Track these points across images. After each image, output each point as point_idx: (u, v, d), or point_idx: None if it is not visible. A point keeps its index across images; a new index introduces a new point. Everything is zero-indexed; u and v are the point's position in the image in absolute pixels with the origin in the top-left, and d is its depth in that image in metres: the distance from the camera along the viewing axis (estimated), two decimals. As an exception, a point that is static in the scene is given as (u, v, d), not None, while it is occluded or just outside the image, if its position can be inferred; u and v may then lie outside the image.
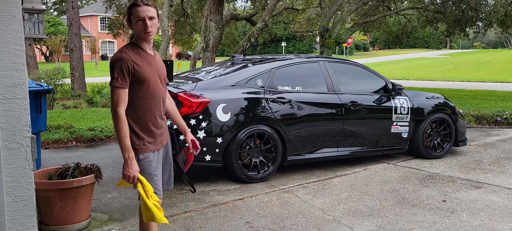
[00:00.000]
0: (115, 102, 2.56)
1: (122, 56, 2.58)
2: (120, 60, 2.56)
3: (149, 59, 2.69)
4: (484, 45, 77.86)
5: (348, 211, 4.23)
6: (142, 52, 2.67)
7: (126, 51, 2.61)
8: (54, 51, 37.96)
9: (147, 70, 2.65)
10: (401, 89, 6.07)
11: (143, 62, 2.64)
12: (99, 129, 7.73)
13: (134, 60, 2.60)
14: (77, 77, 16.17)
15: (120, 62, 2.56)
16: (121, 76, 2.55)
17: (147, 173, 2.71)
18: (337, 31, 13.50)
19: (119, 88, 2.56)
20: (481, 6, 14.26)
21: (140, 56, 2.64)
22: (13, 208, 2.31)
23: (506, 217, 4.04)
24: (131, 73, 2.58)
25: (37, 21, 8.50)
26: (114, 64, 2.57)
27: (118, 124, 2.56)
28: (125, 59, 2.57)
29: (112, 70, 2.59)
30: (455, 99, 13.30)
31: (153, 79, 2.69)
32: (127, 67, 2.56)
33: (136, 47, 2.67)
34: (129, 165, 2.55)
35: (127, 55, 2.59)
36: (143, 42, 2.68)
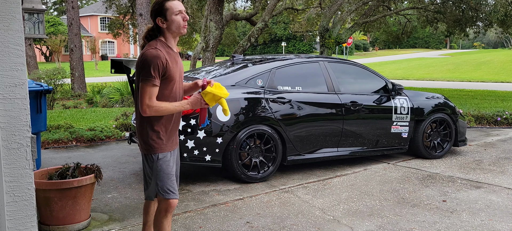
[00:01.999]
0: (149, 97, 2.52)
1: (158, 54, 2.53)
2: (157, 58, 2.52)
3: (175, 58, 2.67)
4: (484, 45, 77.86)
5: (348, 211, 4.23)
6: (170, 51, 2.64)
7: (160, 48, 2.57)
8: (54, 51, 37.96)
9: (174, 69, 2.63)
10: (401, 89, 6.07)
11: (172, 60, 2.62)
12: (99, 129, 7.73)
13: (166, 58, 2.57)
14: (77, 77, 16.18)
15: (156, 60, 2.52)
16: (155, 74, 2.52)
17: (166, 172, 2.68)
18: (337, 31, 13.50)
19: (152, 86, 2.53)
20: (481, 6, 14.27)
21: (169, 55, 2.61)
22: (13, 208, 2.31)
23: (506, 217, 4.04)
24: (162, 71, 2.55)
25: (37, 21, 8.50)
26: (151, 61, 2.52)
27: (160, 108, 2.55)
28: (161, 57, 2.53)
29: (148, 67, 2.52)
30: (455, 99, 13.30)
31: (177, 78, 2.67)
32: (161, 65, 2.53)
33: (165, 45, 2.62)
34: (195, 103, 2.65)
35: (162, 53, 2.55)
36: (172, 40, 2.65)
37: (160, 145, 2.65)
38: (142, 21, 13.76)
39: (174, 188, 2.73)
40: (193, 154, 4.81)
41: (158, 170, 2.66)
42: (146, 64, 2.53)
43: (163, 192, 2.72)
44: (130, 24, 22.77)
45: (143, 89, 2.54)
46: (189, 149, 4.78)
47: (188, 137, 4.76)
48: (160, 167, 2.66)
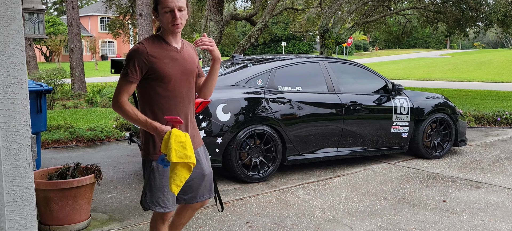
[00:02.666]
0: (118, 92, 2.39)
1: (137, 48, 2.40)
2: (134, 52, 2.39)
3: (172, 54, 2.46)
4: (484, 45, 77.87)
5: (348, 211, 4.23)
6: (165, 46, 2.46)
7: (144, 43, 2.42)
8: (54, 51, 37.96)
9: (168, 65, 2.43)
10: (401, 89, 6.07)
11: (164, 56, 2.43)
12: (99, 129, 7.73)
13: (152, 53, 2.39)
14: (77, 77, 16.18)
15: (134, 55, 2.38)
16: (132, 69, 2.37)
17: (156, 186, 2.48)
18: (337, 31, 13.51)
19: (125, 81, 2.38)
20: (481, 6, 14.27)
21: (162, 49, 2.44)
22: (13, 208, 2.31)
23: (506, 217, 4.04)
24: (145, 68, 2.39)
25: (37, 21, 8.50)
26: (129, 56, 2.40)
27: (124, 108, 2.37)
28: (140, 51, 2.38)
29: (126, 61, 2.41)
30: (455, 99, 13.30)
31: (176, 76, 2.46)
32: (140, 61, 2.37)
33: (158, 40, 2.47)
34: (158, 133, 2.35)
35: (144, 48, 2.39)
36: (169, 35, 2.48)
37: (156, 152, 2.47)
38: (142, 21, 13.76)
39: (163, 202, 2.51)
40: (193, 154, 4.80)
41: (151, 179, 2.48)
42: (126, 58, 2.42)
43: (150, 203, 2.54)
44: (130, 24, 22.79)
45: (118, 83, 2.42)
46: (189, 149, 4.78)
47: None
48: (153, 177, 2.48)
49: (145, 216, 4.07)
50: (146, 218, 4.02)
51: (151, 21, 14.04)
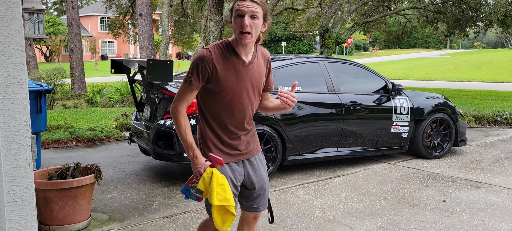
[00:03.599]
0: (178, 99, 2.31)
1: (204, 55, 2.26)
2: (201, 59, 2.26)
3: (237, 67, 2.31)
4: (484, 45, 77.87)
5: (348, 211, 4.23)
6: (232, 57, 2.30)
7: (212, 50, 2.28)
8: (54, 51, 37.96)
9: (230, 79, 2.30)
10: (401, 89, 6.07)
11: (228, 68, 2.29)
12: (99, 129, 7.73)
13: (217, 63, 2.26)
14: (77, 77, 16.19)
15: (198, 61, 2.26)
16: (195, 76, 2.26)
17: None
18: (337, 31, 13.51)
19: (188, 87, 2.29)
20: (481, 6, 14.27)
21: (226, 59, 2.29)
22: (13, 208, 2.31)
23: (506, 217, 4.04)
24: (207, 76, 2.27)
25: (37, 21, 8.51)
26: (194, 61, 2.28)
27: (178, 119, 2.30)
28: (205, 59, 2.25)
29: (191, 65, 2.30)
30: (455, 99, 13.30)
31: (236, 91, 2.33)
32: (204, 69, 2.25)
33: (227, 48, 2.31)
34: (195, 163, 2.29)
35: (210, 55, 2.26)
36: (239, 45, 2.30)
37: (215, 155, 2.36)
38: (142, 21, 13.76)
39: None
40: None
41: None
42: (192, 63, 2.31)
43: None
44: (130, 24, 22.80)
45: (180, 88, 2.33)
46: (189, 149, 4.78)
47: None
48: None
49: (145, 216, 4.07)
50: (146, 218, 4.02)
51: (151, 21, 14.05)
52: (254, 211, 2.60)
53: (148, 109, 5.39)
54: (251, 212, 2.61)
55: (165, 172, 5.59)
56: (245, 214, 2.65)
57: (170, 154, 4.85)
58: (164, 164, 5.95)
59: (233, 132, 2.43)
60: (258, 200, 2.57)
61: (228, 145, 2.42)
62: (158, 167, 5.82)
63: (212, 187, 2.25)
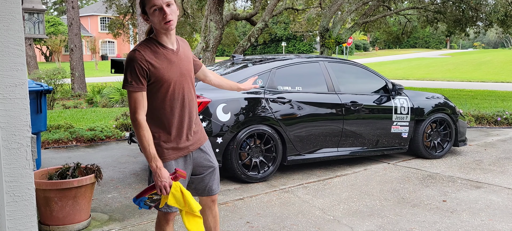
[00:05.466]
0: (133, 108, 2.31)
1: (134, 56, 2.29)
2: (132, 61, 2.29)
3: (169, 56, 2.38)
4: (484, 45, 77.87)
5: (348, 211, 4.23)
6: (160, 49, 2.37)
7: (140, 49, 2.32)
8: (54, 51, 37.98)
9: (166, 70, 2.36)
10: (401, 89, 6.07)
11: (161, 60, 2.35)
12: (99, 129, 7.73)
13: (149, 59, 2.31)
14: (77, 77, 16.19)
15: (133, 63, 2.29)
16: (135, 78, 2.29)
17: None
18: (337, 31, 13.50)
19: (134, 92, 2.30)
20: (481, 6, 14.27)
21: (157, 54, 2.35)
22: (13, 208, 2.31)
23: (506, 217, 4.04)
24: (146, 74, 2.31)
25: (37, 21, 8.51)
26: (127, 66, 2.30)
27: (139, 131, 2.30)
28: (137, 59, 2.29)
29: (125, 72, 2.31)
30: (455, 99, 13.30)
31: (175, 79, 2.40)
32: (140, 68, 2.29)
33: (153, 43, 2.37)
34: (159, 175, 2.31)
35: (140, 55, 2.30)
36: (162, 36, 2.37)
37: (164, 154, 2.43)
38: (142, 21, 13.76)
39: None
40: (193, 154, 4.80)
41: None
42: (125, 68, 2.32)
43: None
44: (130, 24, 22.80)
45: (128, 97, 2.33)
46: (189, 149, 4.78)
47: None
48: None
49: (145, 216, 4.07)
50: (146, 218, 4.02)
51: (151, 21, 14.04)
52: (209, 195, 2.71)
53: (148, 109, 5.38)
54: (207, 196, 2.72)
55: (165, 172, 5.59)
56: (203, 200, 2.75)
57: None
58: (164, 164, 5.94)
59: (181, 124, 2.47)
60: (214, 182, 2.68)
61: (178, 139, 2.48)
62: (158, 167, 5.82)
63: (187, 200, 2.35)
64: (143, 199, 2.42)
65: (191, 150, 2.55)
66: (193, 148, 2.56)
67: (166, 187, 2.33)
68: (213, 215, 2.81)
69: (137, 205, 2.45)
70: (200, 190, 2.70)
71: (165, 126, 2.44)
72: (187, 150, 2.53)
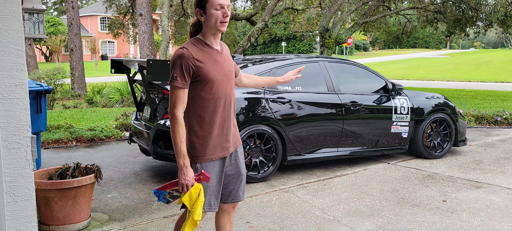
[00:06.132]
0: (173, 104, 2.36)
1: (182, 53, 2.36)
2: (180, 58, 2.35)
3: (215, 56, 2.46)
4: (484, 45, 77.89)
5: (348, 211, 4.23)
6: (207, 49, 2.44)
7: (188, 48, 2.39)
8: (54, 51, 37.98)
9: (212, 69, 2.42)
10: (401, 89, 6.07)
11: (208, 60, 2.42)
12: (99, 129, 7.73)
13: (197, 57, 2.38)
14: (77, 77, 16.19)
15: (180, 60, 2.35)
16: (180, 75, 2.34)
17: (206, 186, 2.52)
18: (337, 31, 13.50)
19: (178, 88, 2.36)
20: (481, 6, 14.27)
21: (204, 53, 2.42)
22: (13, 208, 2.31)
23: (506, 217, 4.04)
24: (192, 72, 2.37)
25: (37, 21, 8.50)
26: (174, 62, 2.37)
27: (175, 127, 2.35)
28: (186, 56, 2.35)
29: (172, 68, 2.37)
30: (455, 99, 13.30)
31: (219, 79, 2.46)
32: (187, 66, 2.35)
33: (200, 43, 2.44)
34: (184, 173, 2.35)
35: (189, 53, 2.36)
36: (210, 37, 2.46)
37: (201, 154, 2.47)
38: (142, 21, 13.76)
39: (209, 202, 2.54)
40: (193, 154, 4.80)
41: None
42: (171, 64, 2.40)
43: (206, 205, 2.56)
44: (130, 24, 22.80)
45: (170, 92, 2.38)
46: (189, 149, 4.78)
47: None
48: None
49: (145, 216, 4.07)
50: (146, 219, 4.02)
51: (151, 21, 14.04)
52: (233, 202, 2.70)
53: (148, 109, 5.39)
54: (231, 202, 2.70)
55: (165, 172, 5.59)
56: (224, 206, 2.73)
57: (170, 154, 4.85)
58: (164, 164, 5.95)
59: (222, 124, 2.51)
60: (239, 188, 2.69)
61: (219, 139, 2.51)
62: (158, 167, 5.82)
63: (197, 203, 2.39)
64: (164, 192, 2.46)
65: (230, 152, 2.59)
66: (232, 150, 2.60)
67: (188, 186, 2.37)
68: (230, 221, 2.81)
69: (157, 197, 2.49)
70: (224, 195, 2.67)
71: (208, 125, 2.47)
72: (227, 151, 2.56)
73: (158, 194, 2.48)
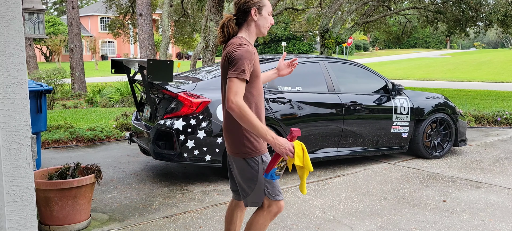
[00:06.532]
0: (235, 93, 2.36)
1: (249, 50, 2.44)
2: (248, 53, 2.42)
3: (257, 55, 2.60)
4: (484, 45, 77.88)
5: (348, 211, 4.23)
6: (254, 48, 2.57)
7: (249, 45, 2.50)
8: (54, 51, 37.98)
9: (258, 66, 2.56)
10: (401, 89, 6.07)
11: (256, 58, 2.54)
12: (99, 129, 7.73)
13: (255, 55, 2.51)
14: (77, 77, 16.19)
15: (248, 55, 2.42)
16: (247, 70, 2.41)
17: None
18: (337, 31, 13.51)
19: (244, 81, 2.40)
20: (481, 6, 14.27)
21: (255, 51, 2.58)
22: (13, 208, 2.31)
23: (506, 217, 4.04)
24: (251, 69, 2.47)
25: (37, 21, 8.50)
26: (244, 57, 2.40)
27: (247, 112, 2.35)
28: (252, 53, 2.45)
29: (240, 62, 2.39)
30: (455, 99, 13.30)
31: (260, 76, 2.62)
32: (251, 62, 2.45)
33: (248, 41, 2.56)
34: (279, 143, 2.38)
35: (253, 49, 2.49)
36: (254, 37, 2.61)
37: (262, 147, 2.56)
38: (142, 21, 13.76)
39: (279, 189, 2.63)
40: (193, 154, 4.81)
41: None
42: (238, 58, 2.40)
43: (274, 194, 2.59)
44: (130, 24, 22.81)
45: (231, 84, 2.38)
46: (189, 149, 4.78)
47: (188, 137, 4.76)
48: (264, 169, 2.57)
49: (145, 216, 4.07)
50: (146, 218, 4.02)
51: (151, 21, 14.04)
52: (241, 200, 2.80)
53: (148, 109, 5.39)
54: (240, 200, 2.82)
55: (165, 172, 5.59)
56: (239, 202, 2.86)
57: (170, 154, 4.85)
58: (164, 164, 5.95)
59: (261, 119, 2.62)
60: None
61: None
62: (158, 167, 5.82)
63: (305, 156, 2.50)
64: (273, 170, 2.49)
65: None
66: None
67: (291, 150, 2.41)
68: (241, 219, 2.93)
69: (270, 178, 2.52)
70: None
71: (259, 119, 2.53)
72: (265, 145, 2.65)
73: (270, 175, 2.51)
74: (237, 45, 2.46)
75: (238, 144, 2.55)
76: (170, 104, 4.94)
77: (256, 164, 2.56)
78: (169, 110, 4.90)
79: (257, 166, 2.56)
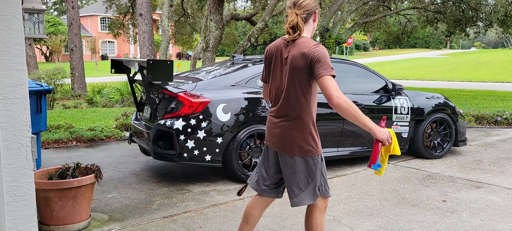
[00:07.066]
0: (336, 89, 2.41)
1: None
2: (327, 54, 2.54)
3: None
4: (484, 45, 77.89)
5: (348, 211, 4.23)
6: None
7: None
8: (54, 51, 37.99)
9: None
10: (401, 89, 6.07)
11: None
12: (99, 129, 7.73)
13: None
14: (77, 77, 16.19)
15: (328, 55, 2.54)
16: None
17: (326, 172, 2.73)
18: (337, 31, 13.51)
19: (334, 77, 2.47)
20: (481, 6, 14.27)
21: None
22: (13, 208, 2.31)
23: (506, 217, 4.04)
24: None
25: (37, 21, 8.50)
26: (326, 55, 2.50)
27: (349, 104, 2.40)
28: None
29: (327, 60, 2.48)
30: (455, 99, 13.30)
31: None
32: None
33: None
34: (378, 130, 2.49)
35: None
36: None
37: (319, 146, 2.65)
38: (142, 21, 13.76)
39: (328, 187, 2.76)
40: (193, 154, 4.81)
41: (322, 171, 2.68)
42: (325, 57, 2.48)
43: (325, 191, 2.72)
44: (130, 24, 22.81)
45: (332, 82, 2.43)
46: (189, 149, 4.78)
47: (188, 137, 4.76)
48: (324, 167, 2.68)
49: (145, 216, 4.07)
50: (146, 218, 4.02)
51: (151, 21, 14.05)
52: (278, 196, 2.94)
53: (148, 109, 5.39)
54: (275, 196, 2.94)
55: (165, 172, 5.59)
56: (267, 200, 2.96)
57: (170, 154, 4.85)
58: (164, 164, 5.95)
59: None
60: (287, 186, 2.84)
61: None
62: (158, 167, 5.82)
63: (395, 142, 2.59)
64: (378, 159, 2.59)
65: None
66: None
67: (388, 135, 2.52)
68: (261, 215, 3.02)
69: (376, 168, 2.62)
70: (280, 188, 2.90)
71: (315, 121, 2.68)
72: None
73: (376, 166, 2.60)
74: (314, 44, 2.53)
75: (303, 143, 2.60)
76: (170, 104, 4.94)
77: (317, 163, 2.64)
78: (169, 110, 4.90)
79: (316, 165, 2.65)
